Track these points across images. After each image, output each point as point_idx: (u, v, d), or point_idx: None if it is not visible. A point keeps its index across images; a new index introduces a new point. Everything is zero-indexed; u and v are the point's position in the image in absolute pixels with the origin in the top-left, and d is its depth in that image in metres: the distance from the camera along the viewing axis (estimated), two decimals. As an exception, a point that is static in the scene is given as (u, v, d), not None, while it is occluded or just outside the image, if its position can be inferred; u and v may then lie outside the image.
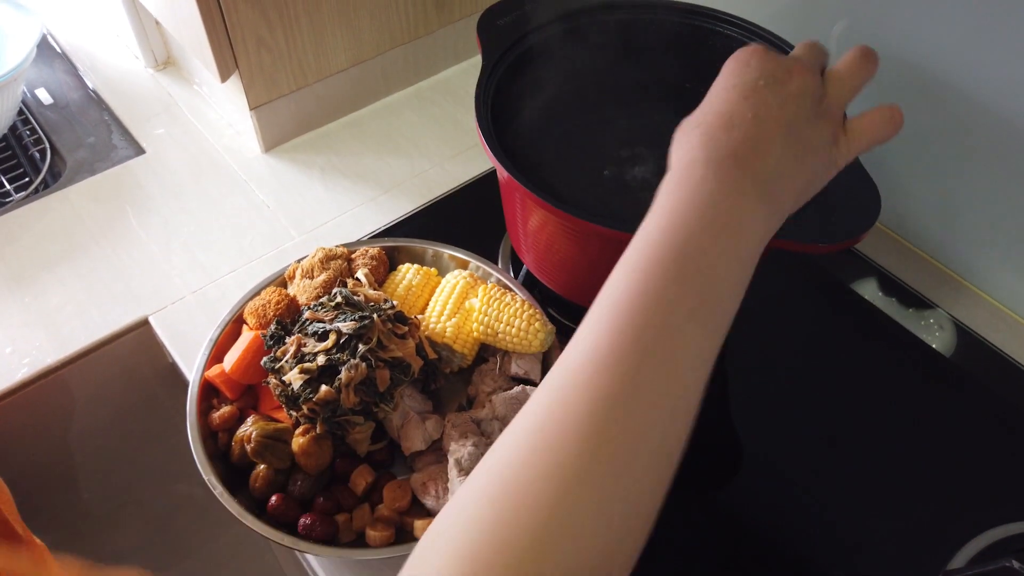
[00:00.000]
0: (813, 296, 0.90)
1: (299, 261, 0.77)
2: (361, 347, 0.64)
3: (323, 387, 0.63)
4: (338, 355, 0.64)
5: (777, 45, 0.74)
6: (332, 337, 0.65)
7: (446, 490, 0.65)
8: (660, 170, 0.83)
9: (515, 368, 0.72)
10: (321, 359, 0.64)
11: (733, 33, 0.76)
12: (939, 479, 0.74)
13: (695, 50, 0.78)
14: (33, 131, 1.09)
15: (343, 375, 0.63)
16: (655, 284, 0.40)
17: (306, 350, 0.65)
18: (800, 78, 0.46)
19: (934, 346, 0.83)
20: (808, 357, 0.83)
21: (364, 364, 0.63)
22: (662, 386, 0.39)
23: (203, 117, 1.08)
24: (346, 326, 0.65)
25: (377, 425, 0.68)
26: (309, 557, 0.70)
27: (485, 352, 0.76)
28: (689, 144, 0.45)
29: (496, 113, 0.71)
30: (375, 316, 0.66)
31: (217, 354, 0.72)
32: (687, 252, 0.41)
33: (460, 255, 0.79)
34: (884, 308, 0.86)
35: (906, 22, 0.78)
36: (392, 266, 0.80)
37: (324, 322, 0.66)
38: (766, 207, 0.43)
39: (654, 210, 0.44)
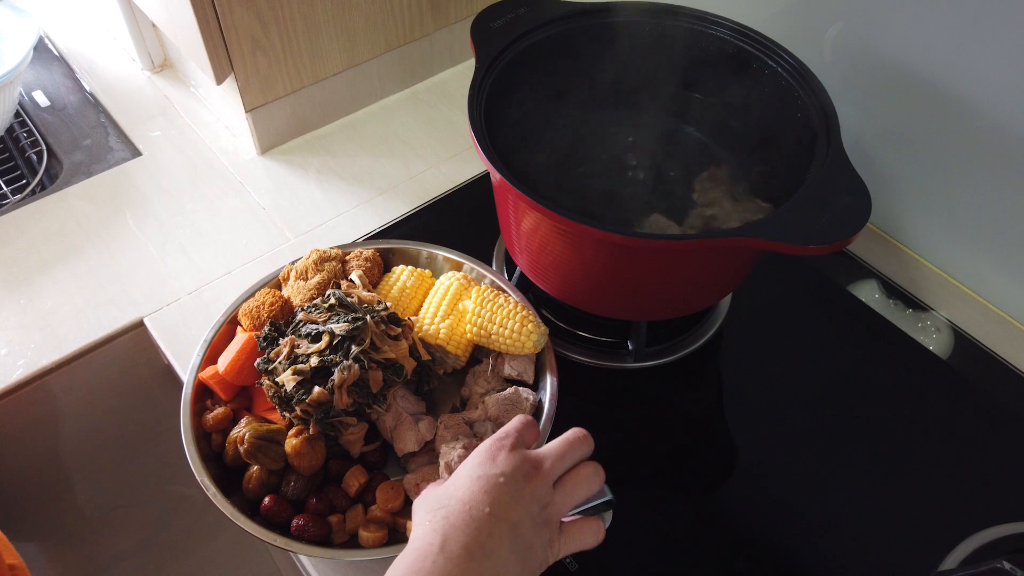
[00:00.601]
0: (809, 298, 0.90)
1: (293, 263, 0.77)
2: (354, 348, 0.64)
3: (316, 388, 0.63)
4: (331, 356, 0.64)
5: (769, 48, 0.74)
6: (325, 338, 0.65)
7: (439, 491, 0.65)
8: (652, 173, 0.84)
9: (508, 369, 0.72)
10: (314, 360, 0.64)
11: (727, 36, 0.77)
12: (932, 481, 0.74)
13: (689, 54, 0.79)
14: (30, 133, 1.09)
15: (336, 376, 0.63)
16: None
17: (299, 351, 0.65)
18: (535, 485, 0.52)
19: (931, 348, 0.84)
20: (803, 359, 0.84)
21: (357, 365, 0.64)
22: None
23: (199, 119, 1.09)
24: (339, 327, 0.65)
25: (370, 426, 0.69)
26: (302, 558, 0.71)
27: (478, 353, 0.76)
28: (432, 525, 0.50)
29: (490, 116, 0.71)
30: (368, 317, 0.66)
31: (211, 355, 0.72)
32: None
33: (454, 257, 0.79)
34: (881, 311, 0.87)
35: (899, 26, 0.78)
36: (386, 268, 0.80)
37: (317, 323, 0.66)
38: None
39: None
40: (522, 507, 0.51)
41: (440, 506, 0.51)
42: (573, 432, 0.56)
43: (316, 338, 0.66)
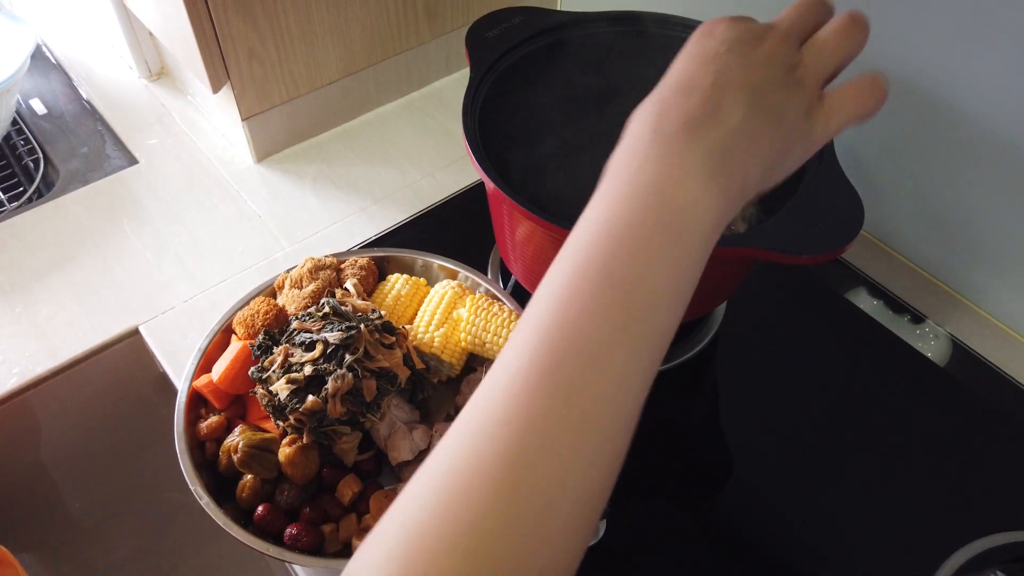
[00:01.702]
0: (805, 305, 0.90)
1: (288, 271, 0.77)
2: (348, 357, 0.64)
3: (310, 397, 0.63)
4: (325, 365, 0.64)
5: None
6: (319, 347, 0.65)
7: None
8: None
9: (503, 378, 0.72)
10: (308, 369, 0.64)
11: (720, 45, 0.77)
12: (928, 489, 0.74)
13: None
14: (27, 141, 1.09)
15: (330, 385, 0.63)
16: (579, 298, 0.36)
17: (293, 360, 0.65)
18: (770, 44, 0.41)
19: (928, 355, 0.84)
20: (799, 366, 0.84)
21: (351, 374, 0.64)
22: (582, 424, 0.35)
23: (196, 127, 1.09)
24: (333, 336, 0.65)
25: (364, 435, 0.69)
26: (296, 567, 0.71)
27: (473, 362, 0.76)
28: (641, 117, 0.41)
29: (484, 125, 0.71)
30: (362, 326, 0.66)
31: (206, 364, 0.72)
32: (618, 257, 0.37)
33: (449, 265, 0.79)
34: (878, 317, 0.87)
35: (895, 34, 0.79)
36: (381, 276, 0.80)
37: (311, 332, 0.66)
38: (719, 186, 0.38)
39: (593, 201, 0.40)
40: (758, 70, 0.40)
41: (651, 100, 0.41)
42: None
43: (310, 347, 0.66)
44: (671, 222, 0.37)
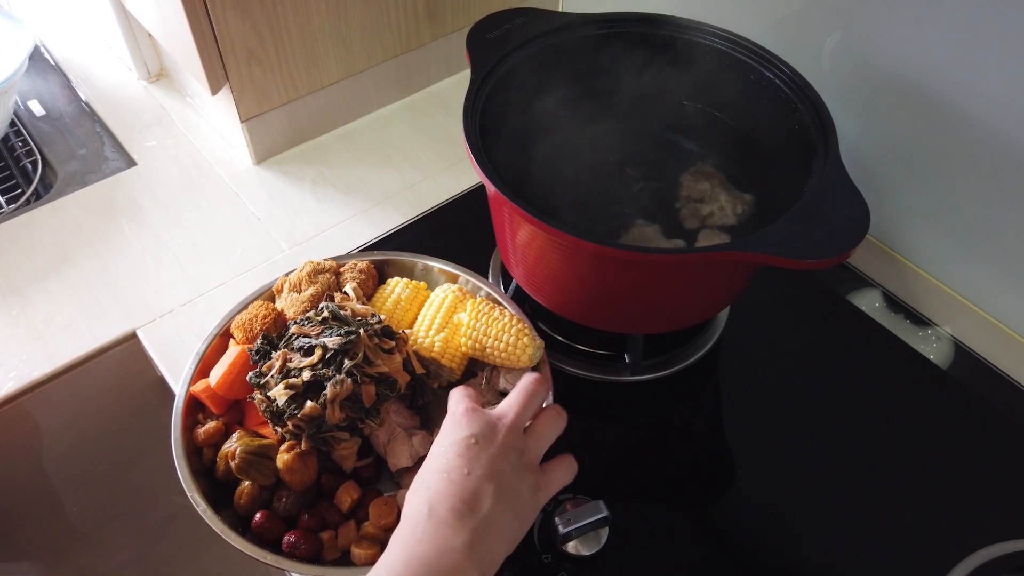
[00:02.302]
0: (807, 308, 0.89)
1: (287, 275, 0.77)
2: (347, 362, 0.64)
3: (308, 403, 0.62)
4: (323, 370, 0.63)
5: (767, 59, 0.74)
6: (318, 352, 0.64)
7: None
8: (648, 184, 0.83)
9: (503, 383, 0.71)
10: (306, 374, 0.63)
11: (725, 48, 0.76)
12: (934, 495, 0.73)
13: (686, 64, 0.78)
14: (25, 142, 1.09)
15: (328, 391, 0.62)
16: None
17: (292, 365, 0.65)
18: (506, 436, 0.54)
19: (931, 358, 0.83)
20: (802, 370, 0.83)
21: (350, 380, 0.63)
22: None
23: (195, 129, 1.08)
24: (332, 341, 0.64)
25: (363, 441, 0.68)
26: (294, 575, 0.70)
27: (473, 367, 0.75)
28: (418, 500, 0.52)
29: (485, 127, 0.71)
30: (361, 331, 0.65)
31: (203, 368, 0.71)
32: None
33: (450, 269, 0.79)
34: (881, 320, 0.86)
35: (897, 36, 0.78)
36: (381, 279, 0.79)
37: (310, 337, 0.66)
38: (477, 563, 0.49)
39: (380, 565, 0.50)
40: (499, 460, 0.53)
41: (422, 483, 0.53)
42: (527, 379, 0.59)
43: (309, 352, 0.65)
44: None
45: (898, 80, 0.80)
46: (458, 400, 0.57)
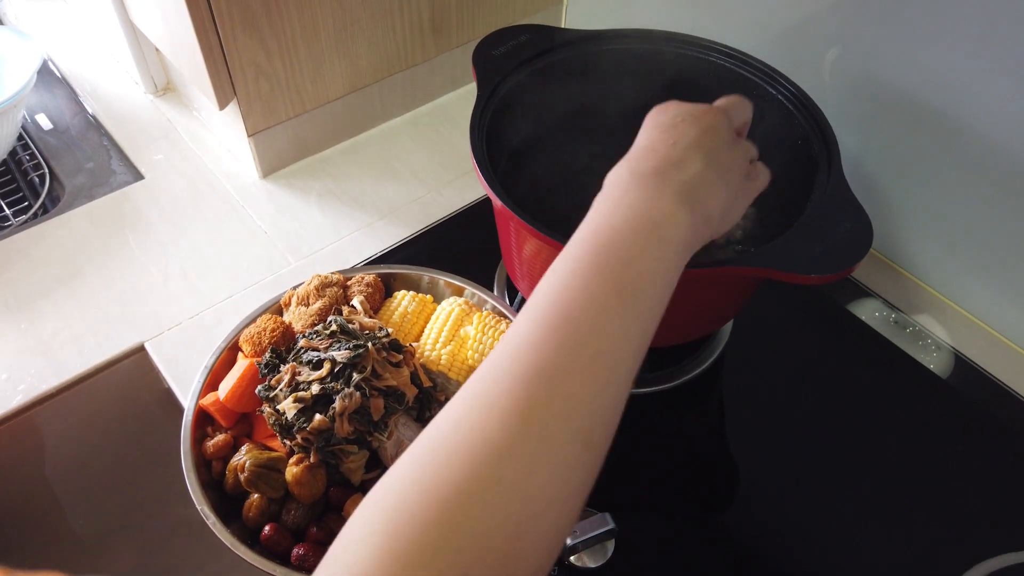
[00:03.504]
0: (811, 319, 0.90)
1: (295, 288, 0.77)
2: (355, 376, 0.64)
3: (317, 416, 0.63)
4: (332, 384, 0.64)
5: (769, 74, 0.75)
6: (327, 366, 0.65)
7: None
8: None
9: (510, 396, 0.72)
10: (315, 388, 0.64)
11: (726, 63, 0.77)
12: (937, 506, 0.73)
13: (689, 79, 0.79)
14: (33, 156, 1.09)
15: (337, 404, 0.63)
16: (581, 274, 0.44)
17: (300, 378, 0.65)
18: (714, 115, 0.53)
19: (931, 367, 0.83)
20: (805, 383, 0.84)
21: (358, 393, 0.63)
22: (587, 365, 0.41)
23: (202, 143, 1.09)
24: (340, 355, 0.65)
25: (372, 454, 0.68)
26: (303, 586, 0.70)
27: (480, 379, 0.76)
28: (617, 171, 0.50)
29: (491, 142, 0.71)
30: (369, 344, 0.66)
31: (212, 381, 0.72)
32: (611, 248, 0.45)
33: (456, 282, 0.79)
34: (882, 331, 0.87)
35: (898, 50, 0.79)
36: (388, 293, 0.80)
37: (319, 350, 0.66)
38: (688, 213, 0.47)
39: (585, 220, 0.48)
40: (708, 135, 0.51)
41: (619, 165, 0.51)
42: (728, 98, 0.58)
43: (318, 365, 0.65)
44: (651, 229, 0.46)
45: (899, 93, 0.81)
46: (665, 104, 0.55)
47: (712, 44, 0.78)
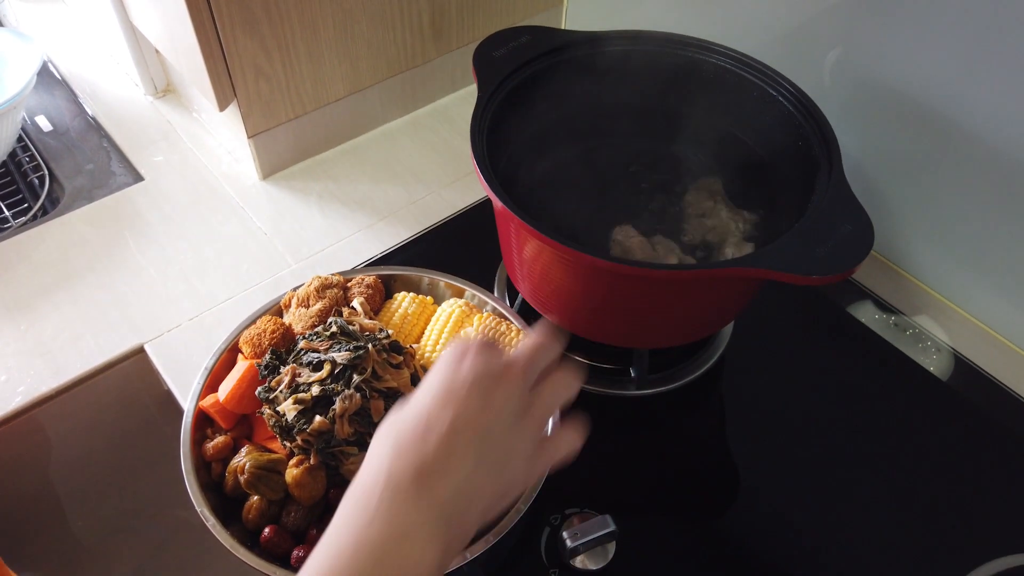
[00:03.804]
0: (810, 322, 0.90)
1: (295, 289, 0.77)
2: (356, 377, 0.64)
3: (317, 418, 0.63)
4: (332, 385, 0.64)
5: (770, 76, 0.75)
6: (327, 367, 0.65)
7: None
8: (652, 200, 0.84)
9: (510, 398, 0.72)
10: (315, 389, 0.64)
11: (726, 64, 0.77)
12: (937, 508, 0.73)
13: (689, 81, 0.79)
14: (32, 158, 1.09)
15: (337, 406, 0.63)
16: None
17: (300, 380, 0.65)
18: (507, 387, 0.46)
19: (931, 370, 0.83)
20: (805, 384, 0.83)
21: (358, 395, 0.63)
22: None
23: (201, 144, 1.09)
24: (341, 356, 0.65)
25: (371, 455, 0.68)
26: (302, 589, 0.70)
27: (480, 381, 0.75)
28: (381, 452, 0.44)
29: (492, 143, 0.71)
30: (370, 346, 0.66)
31: (212, 383, 0.72)
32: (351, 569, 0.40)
33: (456, 283, 0.79)
34: (882, 332, 0.87)
35: (899, 52, 0.79)
36: (388, 294, 0.80)
37: (319, 352, 0.66)
38: (440, 544, 0.42)
39: (323, 545, 0.43)
40: (491, 414, 0.45)
41: (392, 433, 0.45)
42: (539, 331, 0.50)
43: (317, 367, 0.65)
44: (396, 561, 0.41)
45: (899, 96, 0.81)
46: (471, 340, 0.48)
47: (713, 45, 0.78)
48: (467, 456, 0.43)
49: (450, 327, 0.74)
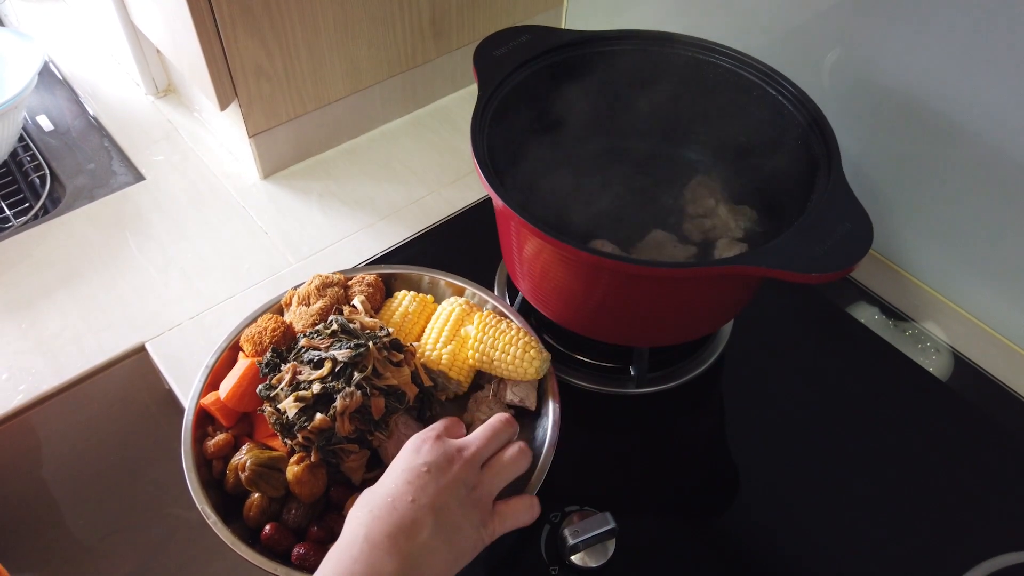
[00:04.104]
0: (809, 321, 0.90)
1: (296, 288, 0.77)
2: (356, 375, 0.64)
3: (318, 415, 0.63)
4: (333, 383, 0.64)
5: (769, 76, 0.75)
6: (327, 365, 0.65)
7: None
8: (652, 198, 0.84)
9: (510, 395, 0.72)
10: (316, 387, 0.64)
11: (725, 64, 0.77)
12: (937, 507, 0.73)
13: (688, 81, 0.79)
14: (33, 157, 1.09)
15: (338, 404, 0.63)
16: None
17: (301, 378, 0.65)
18: (459, 469, 0.57)
19: (930, 370, 0.84)
20: (805, 383, 0.84)
21: (359, 392, 0.64)
22: None
23: (202, 144, 1.09)
24: (341, 354, 0.65)
25: (372, 453, 0.68)
26: (303, 586, 0.70)
27: (480, 379, 0.76)
28: (358, 521, 0.54)
29: (492, 142, 0.72)
30: (370, 344, 0.66)
31: (213, 381, 0.72)
32: None
33: (456, 282, 0.79)
34: (881, 332, 0.87)
35: (897, 52, 0.79)
36: (388, 293, 0.80)
37: (320, 350, 0.66)
38: None
39: (323, 566, 0.53)
40: (446, 492, 0.55)
41: (367, 504, 0.55)
42: (496, 418, 0.61)
43: (318, 364, 0.65)
44: None
45: (897, 95, 0.81)
46: (431, 427, 0.60)
47: (712, 45, 0.78)
48: (425, 524, 0.53)
49: (450, 325, 0.74)
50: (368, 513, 0.54)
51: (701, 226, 0.80)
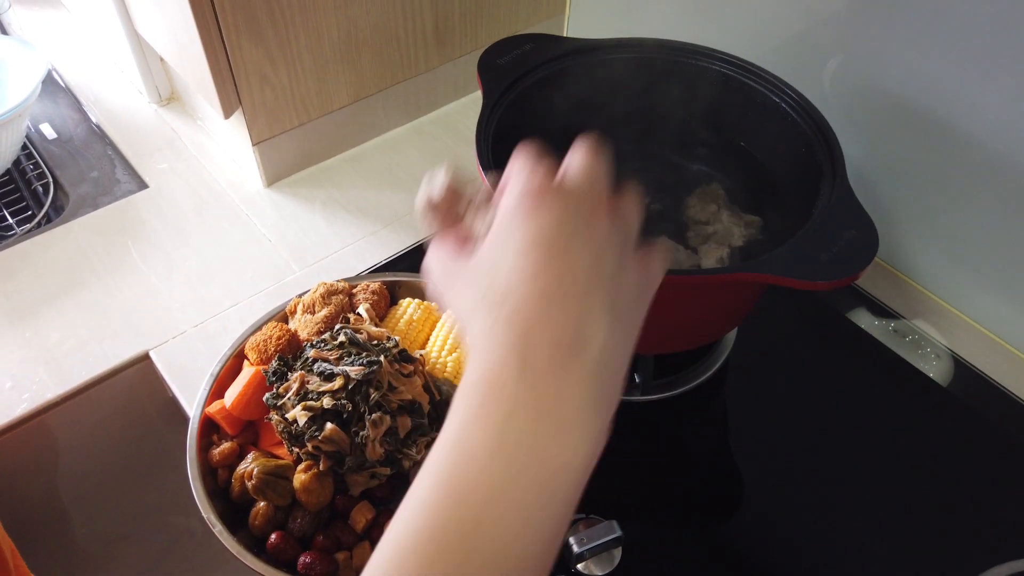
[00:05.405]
0: (812, 328, 0.90)
1: (300, 296, 0.78)
2: (374, 393, 0.64)
3: (328, 424, 0.63)
4: (345, 401, 0.63)
5: (773, 83, 0.75)
6: (339, 380, 0.64)
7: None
8: (656, 206, 0.84)
9: (516, 403, 0.72)
10: (327, 402, 0.63)
11: (728, 71, 0.78)
12: (939, 513, 0.73)
13: (692, 88, 0.80)
14: (37, 165, 1.10)
15: (369, 431, 0.62)
16: (416, 557, 0.31)
17: (310, 387, 0.65)
18: (605, 220, 0.37)
19: (931, 375, 0.84)
20: (808, 387, 0.84)
21: (388, 416, 0.63)
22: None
23: (206, 152, 1.09)
24: (354, 370, 0.64)
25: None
26: (309, 595, 0.70)
27: (486, 387, 0.76)
28: (497, 339, 0.34)
29: (496, 151, 0.72)
30: (383, 358, 0.65)
31: (218, 389, 0.72)
32: (485, 524, 0.31)
33: (461, 290, 0.79)
34: (881, 337, 0.87)
35: (899, 59, 0.79)
36: (393, 300, 0.80)
37: (330, 362, 0.66)
38: (596, 428, 0.35)
39: (453, 433, 0.33)
40: (603, 260, 0.36)
41: (494, 298, 0.34)
42: (584, 143, 0.42)
43: (329, 377, 0.65)
44: (545, 484, 0.33)
45: (899, 101, 0.82)
46: (529, 171, 0.38)
47: (716, 53, 0.78)
48: (599, 317, 0.34)
49: (454, 333, 0.74)
50: (507, 317, 0.34)
51: (704, 233, 0.80)
